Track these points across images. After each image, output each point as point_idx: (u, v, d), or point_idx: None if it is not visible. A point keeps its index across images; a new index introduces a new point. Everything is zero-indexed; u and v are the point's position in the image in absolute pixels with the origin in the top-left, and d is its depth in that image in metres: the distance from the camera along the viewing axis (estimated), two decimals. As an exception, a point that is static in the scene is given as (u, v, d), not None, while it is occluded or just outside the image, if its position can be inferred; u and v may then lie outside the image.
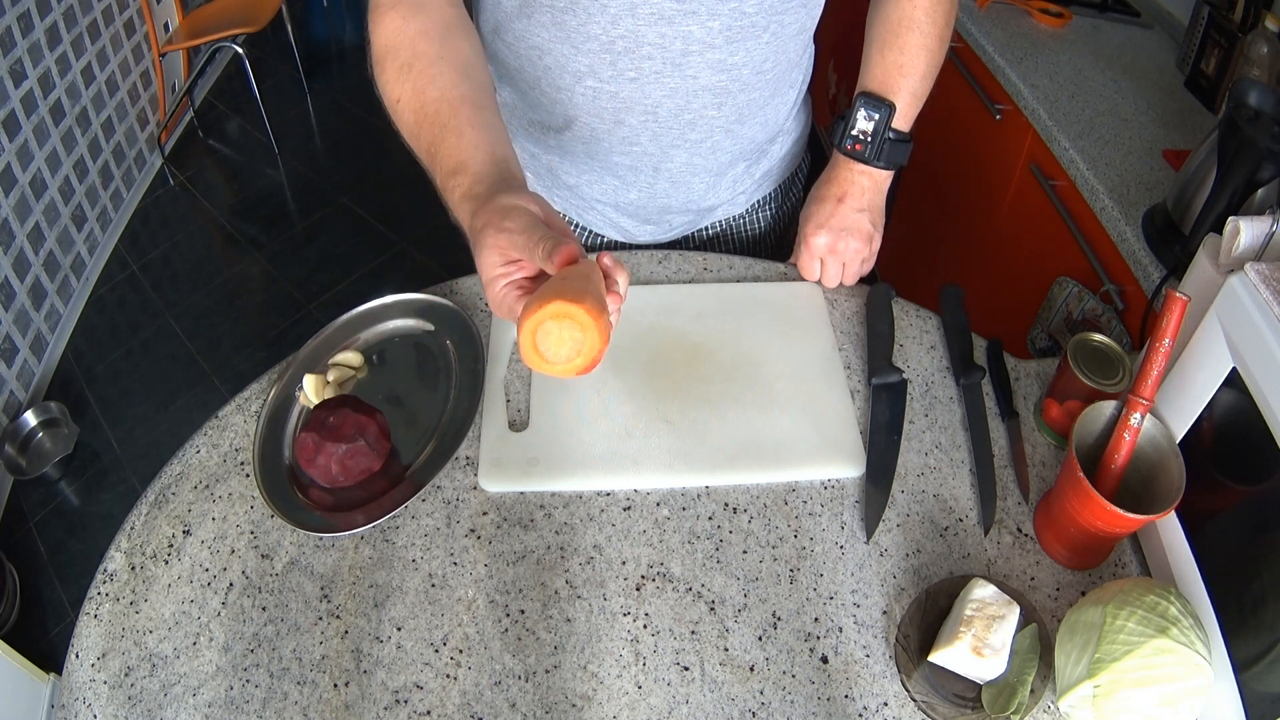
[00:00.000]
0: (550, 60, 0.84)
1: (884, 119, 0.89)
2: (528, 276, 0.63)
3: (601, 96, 0.85)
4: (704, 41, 0.81)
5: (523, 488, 0.78)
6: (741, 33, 0.81)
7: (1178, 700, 0.59)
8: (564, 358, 0.52)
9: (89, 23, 2.51)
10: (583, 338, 0.51)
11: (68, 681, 0.68)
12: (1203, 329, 0.66)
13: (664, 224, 1.03)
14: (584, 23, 0.79)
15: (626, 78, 0.83)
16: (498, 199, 0.65)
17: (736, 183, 1.01)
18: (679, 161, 0.92)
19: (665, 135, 0.89)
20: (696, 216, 1.04)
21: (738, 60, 0.84)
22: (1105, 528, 0.68)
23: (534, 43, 0.84)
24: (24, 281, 2.21)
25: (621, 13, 0.78)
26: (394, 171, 2.95)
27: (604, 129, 0.89)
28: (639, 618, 0.70)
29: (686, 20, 0.79)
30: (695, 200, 0.99)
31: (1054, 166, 1.38)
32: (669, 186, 0.96)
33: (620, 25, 0.79)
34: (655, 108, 0.86)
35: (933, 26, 0.89)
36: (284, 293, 2.56)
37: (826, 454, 0.80)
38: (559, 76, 0.85)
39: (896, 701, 0.66)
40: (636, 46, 0.80)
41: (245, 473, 0.80)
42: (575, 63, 0.83)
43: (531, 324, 0.51)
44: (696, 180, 0.96)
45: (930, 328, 0.92)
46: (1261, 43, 1.27)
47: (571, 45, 0.82)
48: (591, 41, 0.81)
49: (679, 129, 0.88)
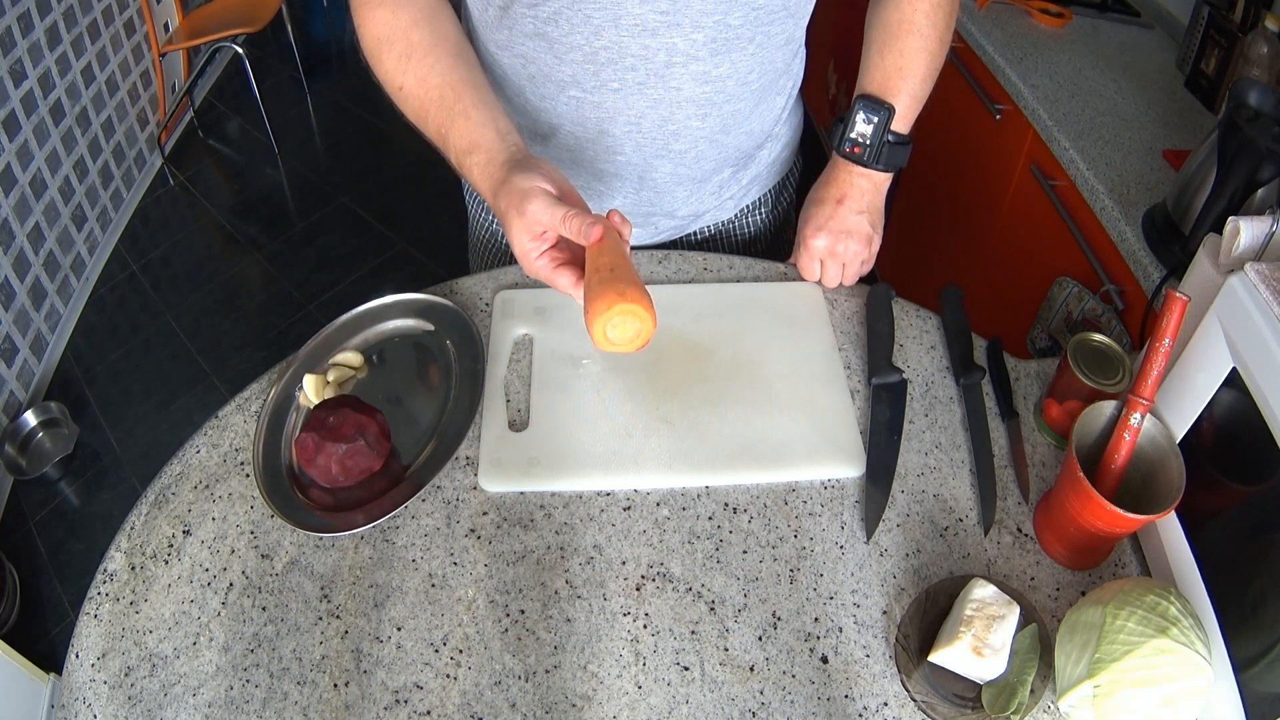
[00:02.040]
0: (534, 70, 0.84)
1: (883, 121, 0.88)
2: (554, 246, 0.72)
3: (585, 107, 0.85)
4: (688, 54, 0.80)
5: (523, 488, 0.78)
6: (726, 45, 0.81)
7: (1178, 700, 0.59)
8: (628, 339, 0.66)
9: (89, 23, 2.51)
10: (641, 325, 0.65)
11: (68, 681, 0.68)
12: (1203, 329, 0.66)
13: (650, 228, 1.03)
14: (567, 33, 0.79)
15: (610, 88, 0.83)
16: (514, 180, 0.71)
17: (723, 189, 1.01)
18: (663, 171, 0.92)
19: (649, 146, 0.89)
20: (684, 222, 1.04)
21: (722, 72, 0.83)
22: (1105, 528, 0.68)
23: (518, 52, 0.84)
24: (24, 281, 2.21)
25: (605, 24, 0.78)
26: (394, 171, 2.96)
27: (588, 139, 0.89)
28: (639, 618, 0.70)
29: (670, 32, 0.78)
30: (678, 208, 0.99)
31: (1054, 166, 1.38)
32: (654, 195, 0.96)
33: (603, 36, 0.79)
34: (639, 119, 0.86)
35: (933, 29, 0.88)
36: (284, 293, 2.56)
37: (826, 454, 0.80)
38: (543, 86, 0.85)
39: (896, 701, 0.66)
40: (620, 58, 0.80)
41: (245, 473, 0.80)
42: (559, 73, 0.83)
43: (603, 320, 0.64)
44: (681, 189, 0.96)
45: (930, 328, 0.92)
46: (1261, 43, 1.27)
47: (555, 55, 0.82)
48: (574, 52, 0.80)
49: (663, 139, 0.88)
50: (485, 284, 0.96)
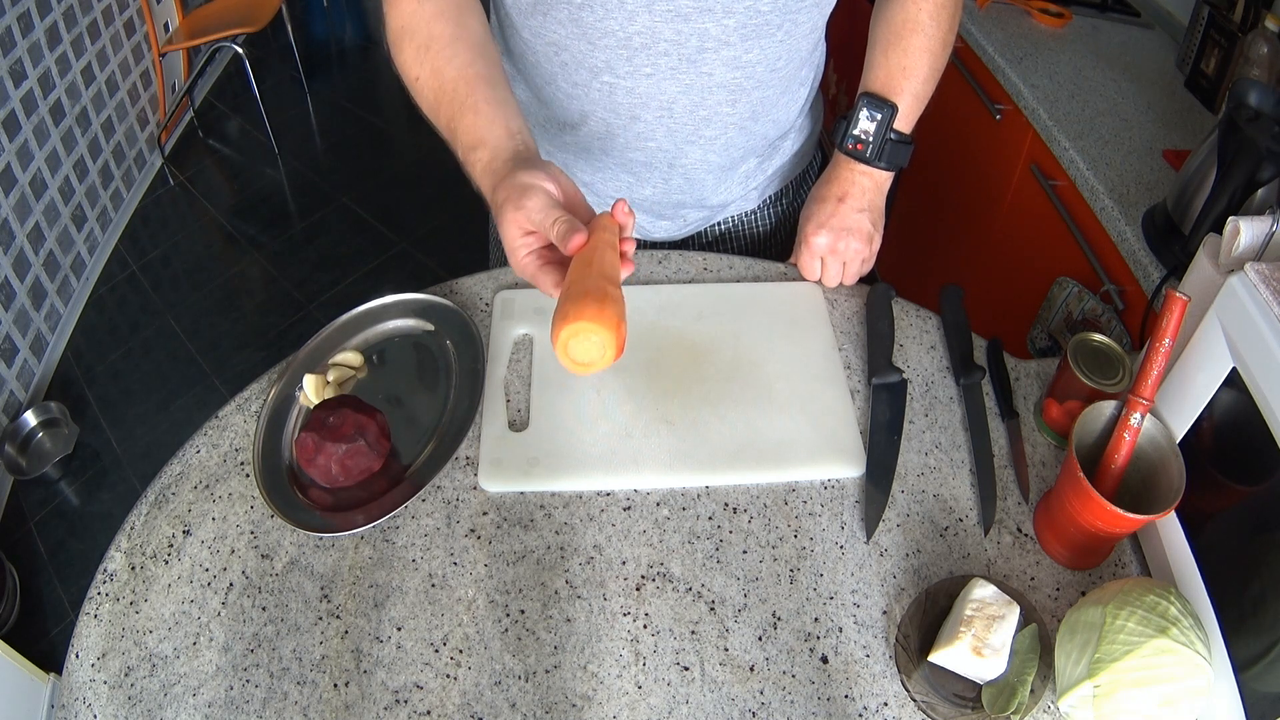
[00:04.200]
0: (567, 56, 0.85)
1: (886, 120, 0.89)
2: (545, 245, 0.70)
3: (617, 92, 0.86)
4: (719, 39, 0.81)
5: (523, 488, 0.78)
6: (756, 30, 0.82)
7: (1178, 700, 0.59)
8: (593, 359, 0.62)
9: (89, 23, 2.51)
10: (603, 341, 0.60)
11: (68, 681, 0.68)
12: (1203, 329, 0.66)
13: (678, 219, 1.04)
14: (601, 19, 0.80)
15: (643, 74, 0.84)
16: (517, 176, 0.70)
17: (749, 178, 1.02)
18: (693, 158, 0.93)
19: (680, 131, 0.89)
20: (710, 212, 1.05)
21: (752, 58, 0.84)
22: (1105, 528, 0.68)
23: (550, 39, 0.84)
24: (24, 281, 2.21)
25: (639, 9, 0.79)
26: (394, 171, 2.96)
27: (619, 125, 0.89)
28: (639, 618, 0.70)
29: (702, 17, 0.79)
30: (708, 196, 1.00)
31: (1054, 166, 1.38)
32: (683, 182, 0.96)
33: (637, 21, 0.79)
34: (670, 104, 0.86)
35: (937, 29, 0.89)
36: (284, 293, 2.56)
37: (826, 454, 0.80)
38: (575, 72, 0.86)
39: (896, 701, 0.66)
40: (653, 43, 0.81)
41: (245, 473, 0.80)
42: (592, 59, 0.83)
43: (562, 339, 0.60)
44: (710, 176, 0.97)
45: (930, 328, 0.92)
46: (1261, 43, 1.27)
47: (588, 41, 0.82)
48: (608, 37, 0.81)
49: (693, 125, 0.89)
50: (485, 284, 0.96)
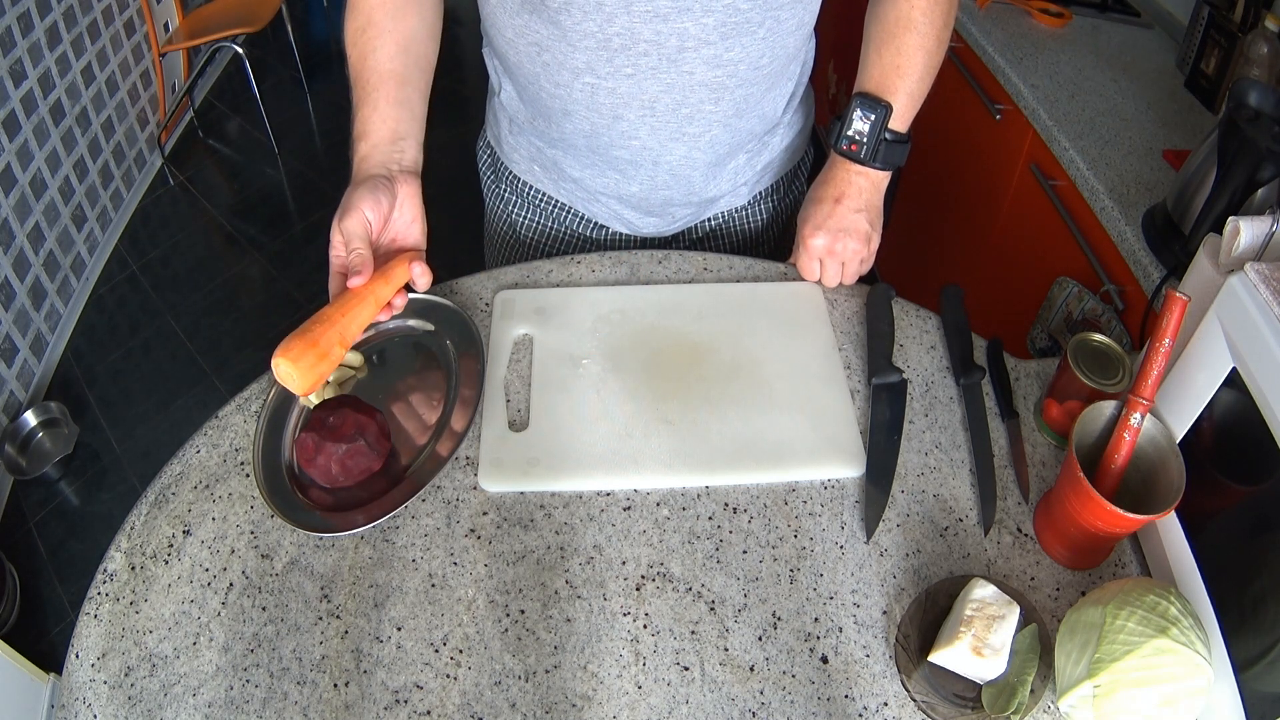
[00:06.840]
0: (548, 57, 0.85)
1: (880, 119, 0.89)
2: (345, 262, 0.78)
3: (599, 93, 0.86)
4: (699, 38, 0.81)
5: (523, 488, 0.78)
6: (737, 29, 0.82)
7: (1178, 700, 0.59)
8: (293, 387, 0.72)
9: (89, 23, 2.51)
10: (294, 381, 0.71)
11: (68, 681, 0.68)
12: (1203, 329, 0.66)
13: (667, 215, 1.04)
14: (580, 21, 0.80)
15: (623, 74, 0.84)
16: (359, 190, 0.79)
17: (738, 174, 1.02)
18: (678, 155, 0.93)
19: (663, 129, 0.89)
20: (699, 208, 1.05)
21: (734, 56, 0.84)
22: (1105, 528, 0.68)
23: (532, 39, 0.85)
24: (24, 281, 2.21)
25: (617, 10, 0.79)
26: (394, 171, 2.95)
27: (603, 124, 0.89)
28: (639, 618, 0.70)
29: (681, 17, 0.79)
30: (697, 192, 1.00)
31: (1054, 166, 1.38)
32: (669, 179, 0.96)
33: (616, 23, 0.80)
34: (652, 103, 0.86)
35: (930, 27, 0.89)
36: (284, 293, 2.56)
37: (826, 454, 0.80)
38: (557, 73, 0.86)
39: (896, 701, 0.66)
40: (633, 43, 0.81)
41: (245, 473, 0.80)
42: (572, 60, 0.84)
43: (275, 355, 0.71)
44: (696, 173, 0.97)
45: (930, 328, 0.92)
46: (1261, 43, 1.27)
47: (568, 43, 0.82)
48: (588, 39, 0.81)
49: (676, 123, 0.89)
50: (485, 284, 0.96)
